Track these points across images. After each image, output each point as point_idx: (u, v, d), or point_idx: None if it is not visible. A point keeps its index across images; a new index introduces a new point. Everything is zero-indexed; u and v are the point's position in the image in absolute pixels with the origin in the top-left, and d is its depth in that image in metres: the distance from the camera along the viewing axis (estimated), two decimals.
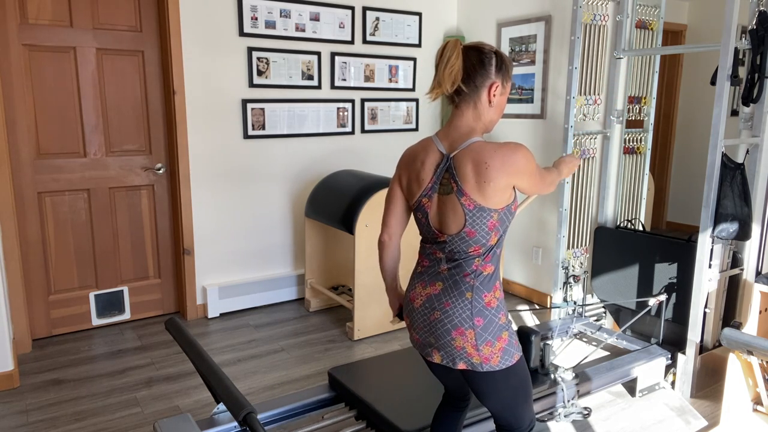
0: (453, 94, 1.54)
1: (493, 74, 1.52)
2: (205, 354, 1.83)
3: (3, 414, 2.58)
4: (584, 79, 3.33)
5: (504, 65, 1.54)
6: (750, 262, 2.82)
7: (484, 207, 1.48)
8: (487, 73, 1.52)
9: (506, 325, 1.53)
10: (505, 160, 1.46)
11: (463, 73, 1.50)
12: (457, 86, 1.51)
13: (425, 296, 1.57)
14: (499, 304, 1.53)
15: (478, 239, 1.51)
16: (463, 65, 1.50)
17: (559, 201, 3.34)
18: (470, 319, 1.50)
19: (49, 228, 3.31)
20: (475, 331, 1.50)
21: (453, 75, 1.48)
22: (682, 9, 4.72)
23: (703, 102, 4.77)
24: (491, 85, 1.52)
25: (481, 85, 1.52)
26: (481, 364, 1.51)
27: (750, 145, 2.71)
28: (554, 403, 2.48)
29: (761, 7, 2.54)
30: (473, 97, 1.53)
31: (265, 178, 3.82)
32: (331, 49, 3.92)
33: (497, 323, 1.52)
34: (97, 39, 3.27)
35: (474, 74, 1.51)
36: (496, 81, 1.53)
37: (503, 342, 1.52)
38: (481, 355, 1.50)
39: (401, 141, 4.36)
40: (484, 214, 1.49)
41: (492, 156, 1.47)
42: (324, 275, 3.94)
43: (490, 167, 1.46)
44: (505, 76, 1.56)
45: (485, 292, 1.52)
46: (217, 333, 3.48)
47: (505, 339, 1.52)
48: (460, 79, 1.50)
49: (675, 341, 2.95)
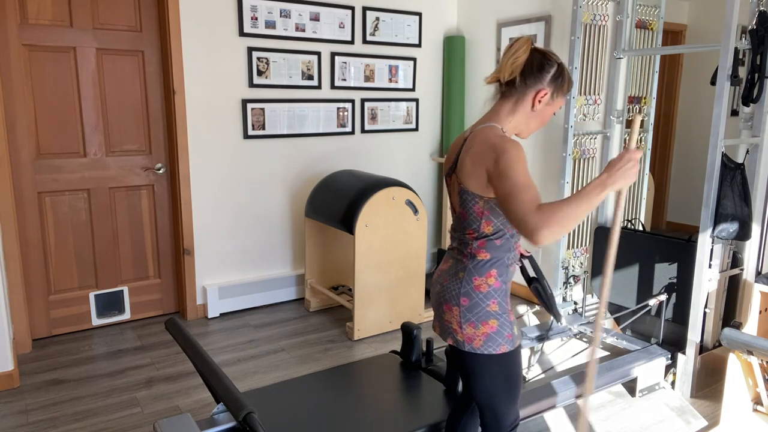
0: (504, 84, 1.59)
1: (547, 81, 1.57)
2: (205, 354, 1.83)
3: (3, 414, 2.58)
4: (584, 79, 3.33)
5: (561, 79, 1.59)
6: (750, 262, 2.82)
7: (466, 190, 1.54)
8: (541, 77, 1.57)
9: (497, 314, 1.57)
10: (484, 146, 1.49)
11: (522, 68, 1.55)
12: (511, 78, 1.56)
13: (439, 271, 1.70)
14: (490, 291, 1.57)
15: (470, 223, 1.57)
16: (525, 61, 1.55)
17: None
18: (457, 297, 1.59)
19: (49, 228, 3.31)
20: (461, 309, 1.59)
21: (513, 66, 1.54)
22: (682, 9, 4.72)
23: (703, 102, 4.77)
24: (540, 90, 1.57)
25: (531, 85, 1.56)
26: (464, 343, 1.59)
27: (750, 145, 2.71)
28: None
29: (761, 7, 2.54)
30: (519, 93, 1.58)
31: (265, 178, 3.82)
32: (331, 49, 3.92)
33: (484, 308, 1.57)
34: (97, 39, 3.27)
35: (530, 73, 1.56)
36: (547, 89, 1.58)
37: (489, 328, 1.57)
38: (464, 333, 1.58)
39: (401, 141, 4.36)
40: (469, 198, 1.55)
41: (479, 140, 1.52)
42: (324, 275, 3.94)
43: (471, 150, 1.53)
44: (558, 90, 1.60)
45: (476, 276, 1.58)
46: (217, 333, 3.48)
47: (492, 326, 1.57)
48: (518, 72, 1.55)
49: (675, 341, 2.95)
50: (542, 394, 2.42)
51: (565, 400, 2.48)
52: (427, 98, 4.43)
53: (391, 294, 3.45)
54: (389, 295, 3.44)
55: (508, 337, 1.58)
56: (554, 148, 3.78)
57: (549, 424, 2.53)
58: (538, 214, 1.31)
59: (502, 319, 1.58)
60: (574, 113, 3.27)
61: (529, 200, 1.34)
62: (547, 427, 2.52)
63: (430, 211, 4.61)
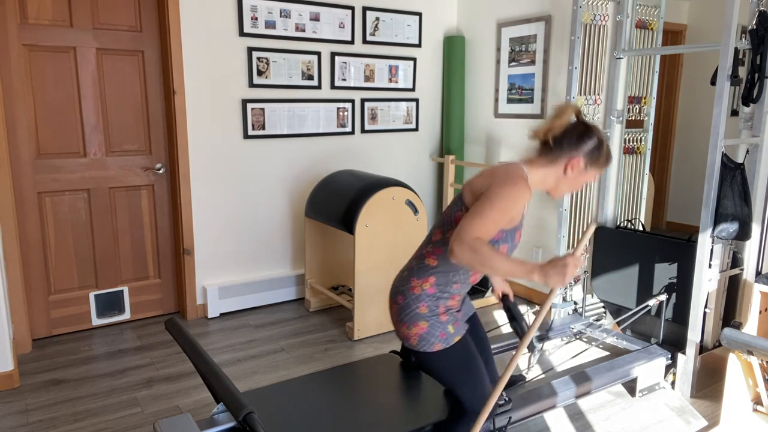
0: (543, 142, 1.66)
1: (582, 151, 1.62)
2: (205, 354, 1.83)
3: (3, 414, 2.58)
4: (584, 79, 3.33)
5: (598, 153, 1.64)
6: (750, 262, 2.82)
7: (462, 196, 1.67)
8: (577, 147, 1.62)
9: (426, 316, 1.67)
10: (498, 172, 1.60)
11: (560, 133, 1.63)
12: (548, 138, 1.63)
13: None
14: (422, 294, 1.67)
15: (444, 224, 1.69)
16: (566, 128, 1.63)
17: (559, 201, 3.34)
18: (395, 294, 1.73)
19: (49, 228, 3.31)
20: (397, 307, 1.72)
21: (553, 129, 1.62)
22: (682, 9, 4.72)
23: (703, 102, 4.77)
24: (574, 158, 1.63)
25: (566, 151, 1.63)
26: (405, 340, 1.72)
27: (750, 145, 2.71)
28: None
29: (761, 7, 2.54)
30: (554, 155, 1.64)
31: (265, 178, 3.82)
32: (331, 49, 3.92)
33: (414, 310, 1.68)
34: (97, 39, 3.27)
35: (568, 140, 1.62)
36: (581, 159, 1.63)
37: (420, 329, 1.67)
38: (401, 331, 1.72)
39: (401, 141, 4.36)
40: (459, 204, 1.67)
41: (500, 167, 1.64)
42: (324, 275, 3.94)
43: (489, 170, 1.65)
44: (592, 162, 1.64)
45: (415, 277, 1.69)
46: (217, 333, 3.48)
47: (422, 327, 1.67)
48: (557, 134, 1.63)
49: (675, 341, 2.95)
50: (542, 394, 2.42)
51: (565, 400, 2.48)
52: (427, 98, 4.43)
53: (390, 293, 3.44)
54: (389, 295, 3.43)
55: (441, 336, 1.68)
56: None
57: (549, 424, 2.53)
58: (470, 239, 1.45)
59: (432, 321, 1.67)
60: None
61: (478, 228, 1.47)
62: (547, 427, 2.52)
63: (430, 211, 4.61)
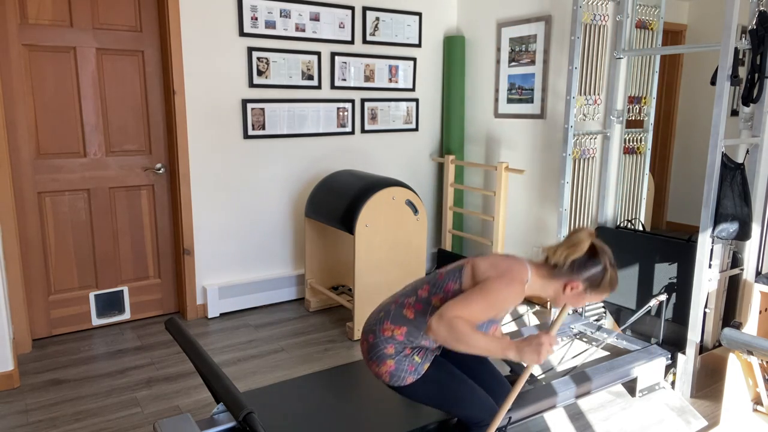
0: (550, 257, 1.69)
1: (583, 277, 1.63)
2: (205, 354, 1.83)
3: (3, 414, 2.58)
4: (584, 79, 3.33)
5: (600, 281, 1.64)
6: (750, 262, 2.82)
7: (463, 267, 1.71)
8: (579, 272, 1.63)
9: (392, 355, 1.72)
10: (502, 264, 1.65)
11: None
12: (556, 262, 1.65)
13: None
14: (392, 338, 1.72)
15: (435, 284, 1.72)
16: (580, 260, 1.64)
17: (559, 201, 3.34)
18: (368, 332, 1.77)
19: (49, 228, 3.31)
20: (367, 344, 1.77)
21: (563, 255, 1.63)
22: (682, 9, 4.72)
23: (703, 102, 4.77)
24: (573, 281, 1.64)
25: (569, 271, 1.64)
26: (376, 377, 1.78)
27: (750, 145, 2.71)
28: None
29: (761, 7, 2.54)
30: (558, 271, 1.65)
31: (265, 178, 3.82)
32: (331, 49, 3.92)
33: (382, 350, 1.73)
34: (97, 39, 3.27)
35: (572, 261, 1.63)
36: (580, 284, 1.64)
37: (388, 367, 1.73)
38: (371, 368, 1.77)
39: (401, 141, 4.36)
40: (456, 275, 1.70)
41: (510, 258, 1.69)
42: (324, 275, 3.94)
43: (499, 257, 1.70)
44: (592, 288, 1.65)
45: (388, 321, 1.74)
46: (217, 333, 3.48)
47: (390, 366, 1.73)
48: (563, 260, 1.64)
49: (675, 341, 2.95)
50: (542, 394, 2.42)
51: (565, 400, 2.48)
52: (427, 98, 4.43)
53: (390, 294, 3.44)
54: (389, 295, 3.44)
55: (409, 369, 1.73)
56: (554, 148, 3.78)
57: (549, 424, 2.53)
58: (450, 316, 1.50)
59: (397, 357, 1.73)
60: (574, 113, 3.27)
61: (460, 311, 1.52)
62: (547, 427, 2.52)
63: (430, 211, 4.61)
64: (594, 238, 1.66)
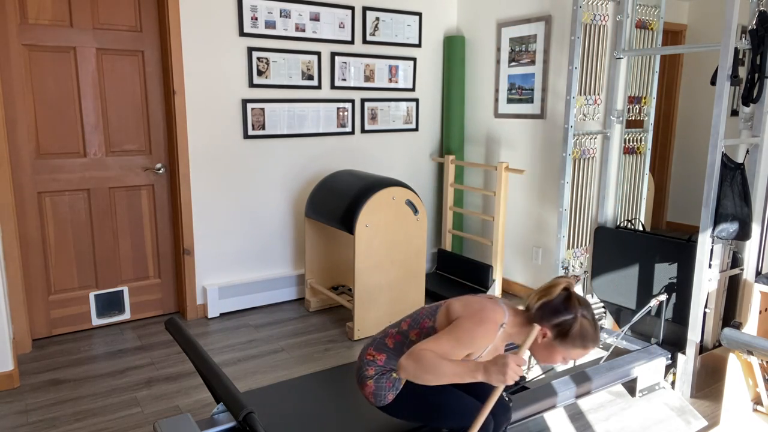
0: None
1: (552, 323, 1.62)
2: (205, 354, 1.83)
3: (3, 414, 2.58)
4: (584, 79, 3.33)
5: (569, 332, 1.61)
6: (750, 262, 2.82)
7: (439, 308, 1.78)
8: (549, 319, 1.62)
9: (371, 376, 1.81)
10: (475, 306, 1.68)
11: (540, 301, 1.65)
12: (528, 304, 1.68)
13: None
14: (373, 361, 1.82)
15: (414, 319, 1.82)
16: (549, 299, 1.64)
17: (559, 201, 3.34)
18: (360, 355, 1.88)
19: (49, 228, 3.31)
20: (356, 366, 1.89)
21: (535, 297, 1.65)
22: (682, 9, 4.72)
23: (703, 102, 4.77)
24: (545, 327, 1.62)
25: (539, 315, 1.63)
26: (365, 398, 1.87)
27: (750, 145, 2.71)
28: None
29: (761, 7, 2.54)
30: (532, 317, 1.64)
31: (265, 178, 3.82)
32: (331, 49, 3.92)
33: (363, 372, 1.84)
34: (97, 39, 3.27)
35: (543, 309, 1.63)
36: (549, 331, 1.62)
37: (370, 388, 1.82)
38: (360, 389, 1.86)
39: (401, 141, 4.36)
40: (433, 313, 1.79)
41: (485, 302, 1.71)
42: (324, 275, 3.94)
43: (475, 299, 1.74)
44: (561, 339, 1.62)
45: (371, 347, 1.85)
46: (217, 333, 3.48)
47: (371, 386, 1.81)
48: (534, 302, 1.65)
49: (675, 341, 2.95)
50: (542, 394, 2.42)
51: (565, 400, 2.48)
52: (427, 98, 4.43)
53: (391, 294, 3.45)
54: (389, 295, 3.44)
55: (388, 385, 1.80)
56: (554, 148, 3.78)
57: (549, 424, 2.53)
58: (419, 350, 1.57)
59: (376, 377, 1.81)
60: (574, 113, 3.27)
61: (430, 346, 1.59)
62: (547, 427, 2.52)
63: (430, 211, 4.61)
64: (573, 287, 1.66)
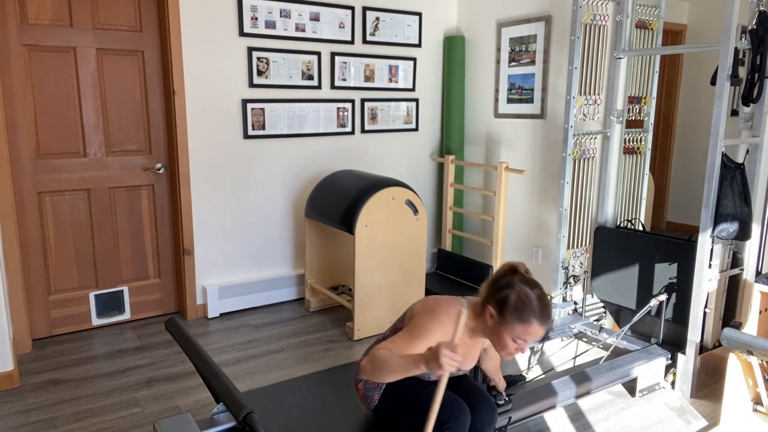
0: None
1: (495, 299, 1.68)
2: (205, 354, 1.83)
3: (3, 414, 2.58)
4: (584, 79, 3.33)
5: (506, 303, 1.65)
6: (750, 262, 2.82)
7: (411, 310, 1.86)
8: (491, 295, 1.70)
9: (360, 378, 1.91)
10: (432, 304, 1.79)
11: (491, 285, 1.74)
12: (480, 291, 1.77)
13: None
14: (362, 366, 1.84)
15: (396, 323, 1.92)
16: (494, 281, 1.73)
17: (559, 201, 3.34)
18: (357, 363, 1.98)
19: (49, 228, 3.31)
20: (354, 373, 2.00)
21: (485, 283, 1.76)
22: (682, 9, 4.72)
23: (703, 102, 4.77)
24: (488, 305, 1.70)
25: (486, 299, 1.72)
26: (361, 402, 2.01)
27: (750, 145, 2.71)
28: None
29: (761, 7, 2.54)
30: (482, 302, 1.74)
31: (265, 178, 3.82)
32: (331, 49, 3.92)
33: (355, 376, 1.96)
34: (97, 39, 3.27)
35: (490, 287, 1.72)
36: (492, 309, 1.69)
37: (360, 391, 1.94)
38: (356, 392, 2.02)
39: (401, 141, 4.36)
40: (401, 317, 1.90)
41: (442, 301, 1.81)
42: (324, 275, 3.94)
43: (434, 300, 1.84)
44: (501, 314, 1.67)
45: (363, 354, 1.93)
46: (217, 333, 3.48)
47: (361, 389, 1.94)
48: (483, 287, 1.76)
49: (675, 341, 2.95)
50: (542, 394, 2.42)
51: (565, 400, 2.48)
52: (427, 98, 4.43)
53: (391, 294, 3.45)
54: (389, 295, 3.44)
55: (373, 386, 1.90)
56: (554, 148, 3.78)
57: (549, 424, 2.53)
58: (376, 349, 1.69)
59: (366, 385, 1.92)
60: (574, 113, 3.27)
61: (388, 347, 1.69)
62: (547, 427, 2.52)
63: (430, 211, 4.61)
64: (523, 266, 1.71)
